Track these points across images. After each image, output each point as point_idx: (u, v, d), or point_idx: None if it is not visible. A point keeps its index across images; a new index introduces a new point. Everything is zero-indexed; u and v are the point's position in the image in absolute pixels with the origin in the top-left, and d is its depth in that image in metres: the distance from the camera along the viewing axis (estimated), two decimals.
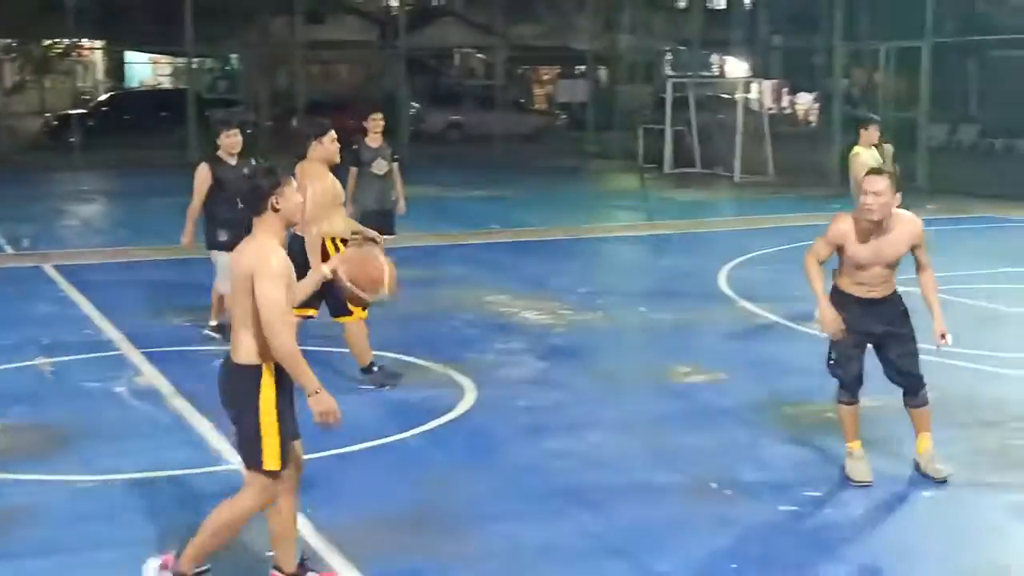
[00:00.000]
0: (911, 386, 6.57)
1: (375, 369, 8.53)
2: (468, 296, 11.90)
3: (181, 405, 8.01)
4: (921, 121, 23.84)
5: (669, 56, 36.60)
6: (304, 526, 5.84)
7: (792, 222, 17.82)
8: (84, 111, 32.92)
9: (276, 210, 4.74)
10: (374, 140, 11.48)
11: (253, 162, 9.18)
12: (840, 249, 6.39)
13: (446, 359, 9.16)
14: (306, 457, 5.25)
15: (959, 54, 27.85)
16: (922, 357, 6.55)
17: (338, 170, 8.54)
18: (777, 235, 16.65)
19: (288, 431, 4.88)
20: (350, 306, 7.87)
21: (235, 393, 4.84)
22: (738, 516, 6.08)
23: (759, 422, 7.70)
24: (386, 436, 7.34)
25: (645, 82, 41.27)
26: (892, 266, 6.40)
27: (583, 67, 40.63)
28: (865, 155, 11.10)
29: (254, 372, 4.77)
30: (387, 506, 6.24)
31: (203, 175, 9.50)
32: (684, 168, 26.98)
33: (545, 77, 48.31)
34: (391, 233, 11.26)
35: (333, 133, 8.16)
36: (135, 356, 9.39)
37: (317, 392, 4.77)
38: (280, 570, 5.07)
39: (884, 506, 6.21)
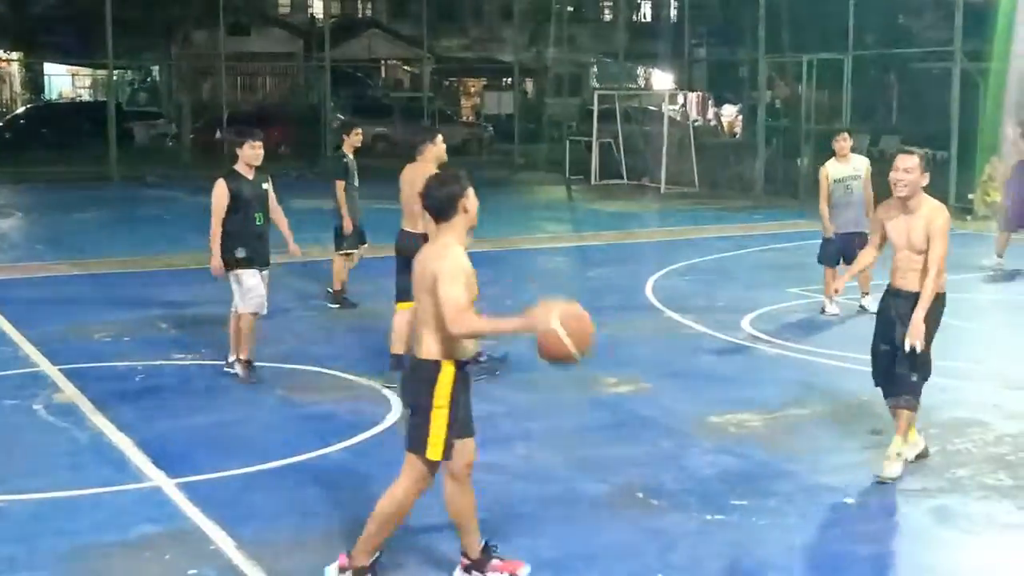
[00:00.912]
0: (900, 387, 6.76)
1: (483, 359, 8.73)
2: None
3: (101, 422, 7.86)
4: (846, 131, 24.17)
5: (595, 69, 36.82)
6: (226, 543, 5.78)
7: (717, 233, 18.03)
8: (1, 124, 32.33)
9: (465, 212, 5.01)
10: (355, 155, 12.02)
11: (268, 176, 9.05)
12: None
13: (373, 373, 9.11)
14: (228, 473, 5.19)
15: (880, 66, 28.33)
16: (841, 365, 6.62)
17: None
18: (703, 246, 16.84)
19: (459, 428, 5.08)
20: None
21: (414, 384, 5.10)
22: (665, 526, 6.10)
23: (686, 432, 7.74)
24: (311, 451, 7.26)
25: (572, 94, 41.55)
26: (920, 252, 6.61)
27: (510, 79, 40.78)
28: (831, 168, 11.48)
29: (433, 367, 5.01)
30: (311, 521, 6.18)
31: (221, 192, 8.77)
32: (611, 179, 27.20)
33: (472, 89, 48.42)
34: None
35: (442, 136, 8.94)
36: (53, 373, 9.22)
37: (530, 319, 4.81)
38: (466, 556, 5.35)
39: (809, 515, 6.27)
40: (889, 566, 5.69)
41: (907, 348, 6.56)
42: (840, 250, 11.36)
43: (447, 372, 5.00)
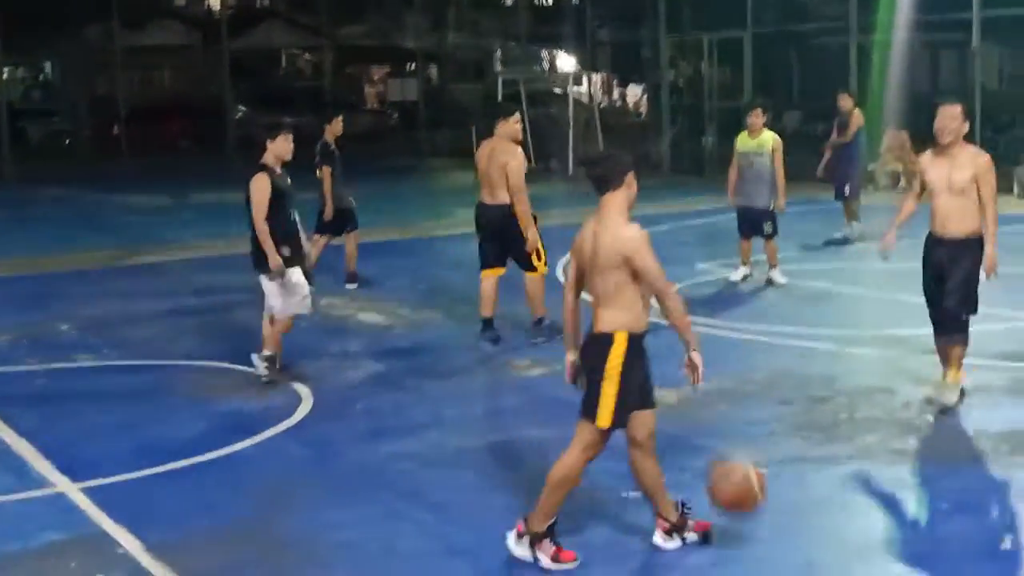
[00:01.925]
0: (951, 325, 7.37)
1: (545, 323, 9.46)
2: None
3: (1, 429, 7.64)
4: (745, 107, 24.45)
5: (499, 53, 36.74)
6: (134, 546, 5.66)
7: None
8: None
9: (630, 186, 5.23)
10: (337, 142, 12.29)
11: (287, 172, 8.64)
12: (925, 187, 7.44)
13: (282, 366, 8.98)
14: (130, 476, 5.08)
15: (780, 43, 28.67)
16: (750, 338, 6.68)
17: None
18: None
19: (634, 397, 5.25)
20: (534, 262, 9.48)
21: (590, 356, 5.24)
22: (578, 507, 6.08)
23: None
24: (220, 448, 7.14)
25: (476, 79, 41.40)
26: (961, 194, 7.19)
27: (413, 65, 40.56)
28: (740, 140, 11.83)
29: (608, 339, 5.16)
30: (222, 520, 6.08)
31: (263, 186, 8.21)
32: None
33: (375, 76, 48.02)
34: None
35: (519, 115, 9.73)
36: None
37: (695, 350, 5.25)
38: (665, 519, 5.45)
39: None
40: (801, 533, 5.75)
41: (987, 278, 7.30)
42: (744, 220, 11.54)
43: (620, 343, 5.15)
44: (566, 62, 38.34)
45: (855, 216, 14.30)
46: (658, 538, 5.48)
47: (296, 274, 8.45)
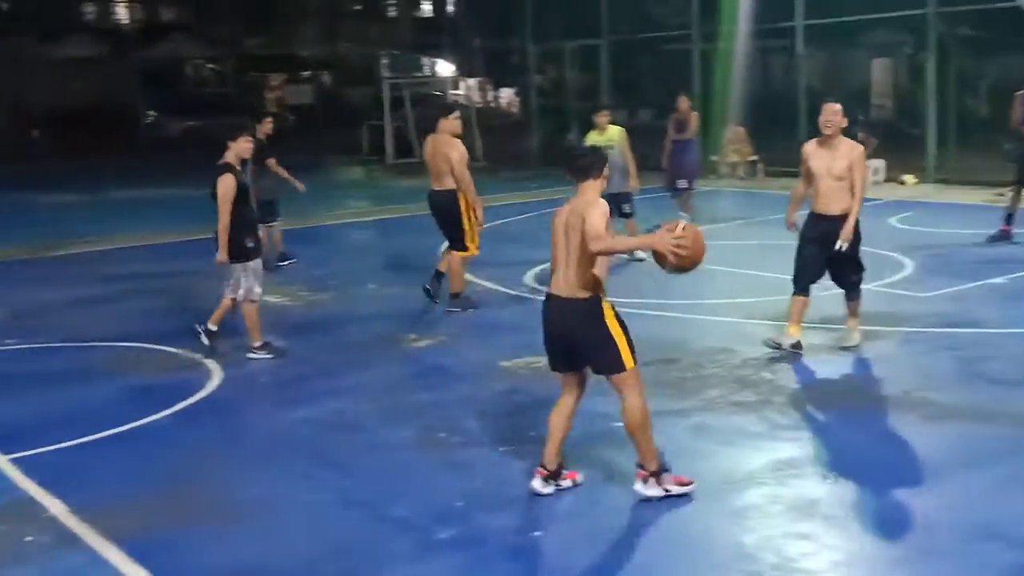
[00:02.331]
0: (848, 288, 8.04)
1: (462, 296, 9.86)
2: (210, 286, 11.49)
3: None
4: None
5: (385, 60, 36.47)
6: (60, 510, 5.53)
7: (501, 201, 18.15)
8: None
9: (604, 178, 5.54)
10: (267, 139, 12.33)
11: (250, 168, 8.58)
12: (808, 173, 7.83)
13: (193, 345, 8.83)
14: (55, 447, 4.95)
15: (633, 50, 29.01)
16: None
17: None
18: (489, 213, 16.79)
19: (631, 337, 5.41)
20: (467, 243, 9.71)
21: (579, 320, 5.34)
22: (463, 460, 6.16)
23: (479, 376, 7.81)
24: (136, 420, 7.00)
25: (365, 84, 41.05)
26: (840, 179, 7.65)
27: (308, 72, 40.01)
28: (591, 137, 11.72)
29: (594, 301, 5.33)
30: (142, 483, 5.97)
31: (230, 185, 8.11)
32: (405, 159, 27.03)
33: (274, 83, 47.21)
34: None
35: (459, 112, 10.05)
36: None
37: (651, 241, 5.32)
38: (644, 468, 5.46)
39: (591, 438, 6.40)
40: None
41: (840, 248, 7.66)
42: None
43: (606, 303, 5.36)
44: (445, 68, 38.23)
45: (688, 208, 14.46)
46: (639, 485, 5.45)
47: (258, 264, 8.47)
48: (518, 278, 11.24)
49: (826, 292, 8.37)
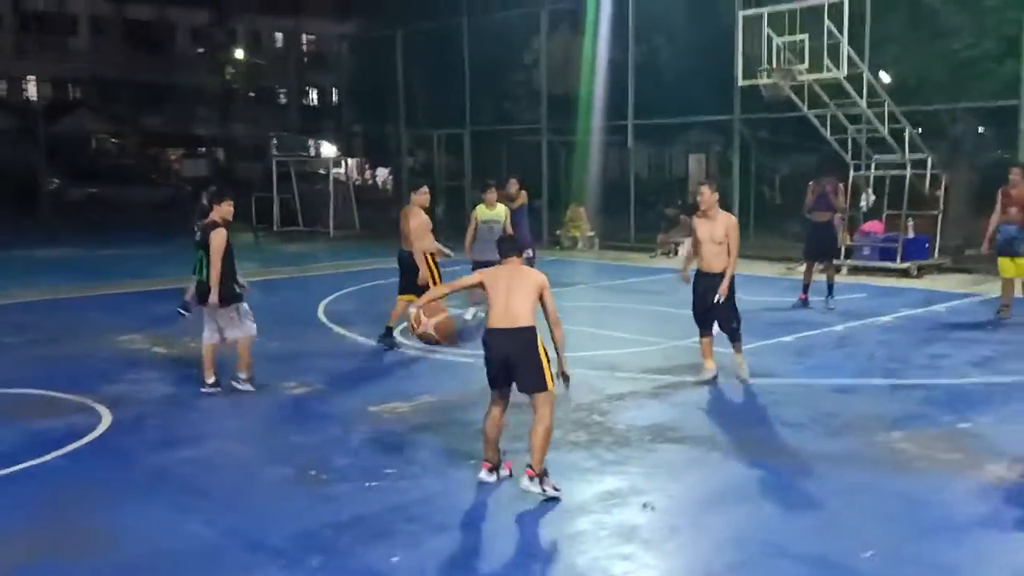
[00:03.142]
0: (730, 334, 8.54)
1: (392, 336, 10.39)
2: (105, 338, 11.06)
3: None
4: (466, 187, 25.03)
5: (275, 140, 36.08)
6: None
7: (373, 265, 18.06)
8: None
9: (523, 255, 6.39)
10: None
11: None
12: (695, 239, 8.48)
13: (85, 391, 8.44)
14: None
15: (492, 138, 29.45)
16: (466, 360, 6.76)
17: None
18: (362, 276, 16.83)
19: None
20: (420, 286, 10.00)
21: (520, 346, 5.83)
22: (332, 494, 6.03)
23: (350, 420, 7.68)
24: (26, 461, 6.61)
25: (256, 160, 40.49)
26: (719, 243, 8.29)
27: (204, 148, 39.18)
28: (480, 211, 11.88)
29: (532, 331, 5.85)
30: (30, 519, 5.63)
31: (223, 238, 8.26)
32: (290, 227, 26.68)
33: (172, 157, 46.10)
34: None
35: (426, 188, 10.68)
36: None
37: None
38: (532, 468, 5.87)
39: (444, 474, 6.36)
40: (500, 509, 5.85)
41: (718, 300, 8.26)
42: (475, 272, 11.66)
43: (537, 333, 5.87)
44: (328, 149, 38.02)
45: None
46: (526, 482, 5.83)
47: (245, 304, 8.56)
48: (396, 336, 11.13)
49: (648, 347, 8.57)
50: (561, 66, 24.30)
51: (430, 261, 10.44)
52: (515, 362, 5.84)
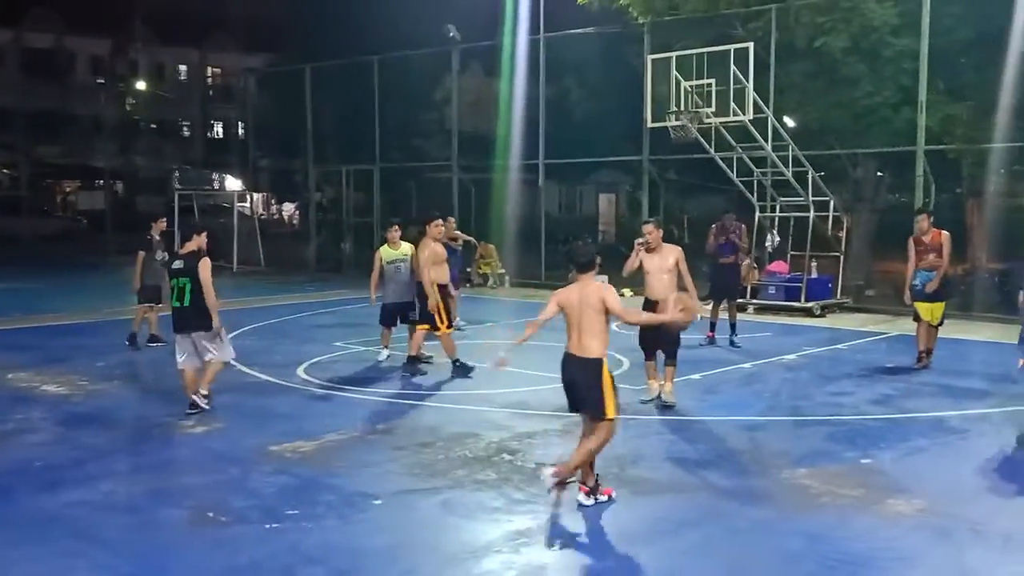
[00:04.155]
0: (669, 353, 9.22)
1: (420, 363, 10.83)
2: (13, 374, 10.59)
3: None
4: (375, 223, 24.91)
5: (177, 173, 35.40)
6: None
7: (278, 302, 17.77)
8: None
9: (599, 267, 6.49)
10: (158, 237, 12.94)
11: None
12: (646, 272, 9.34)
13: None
14: None
15: (402, 175, 29.43)
16: (371, 399, 6.68)
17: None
18: (266, 312, 16.54)
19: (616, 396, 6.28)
20: (436, 321, 10.62)
21: (587, 376, 6.19)
22: (230, 536, 5.84)
23: (249, 460, 7.48)
24: None
25: (158, 194, 39.61)
26: (669, 272, 9.17)
27: (101, 181, 38.20)
28: (384, 251, 11.66)
29: (599, 362, 6.19)
30: None
31: (209, 265, 8.87)
32: None
33: (68, 189, 44.77)
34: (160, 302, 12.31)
35: (440, 220, 11.09)
36: None
37: (664, 315, 6.85)
38: (585, 483, 6.37)
39: (346, 515, 6.22)
40: (407, 546, 5.75)
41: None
42: (393, 313, 11.46)
43: (605, 364, 6.22)
44: (233, 183, 37.46)
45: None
46: (582, 496, 6.32)
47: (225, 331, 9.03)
48: (291, 371, 10.96)
49: (559, 385, 8.59)
50: (472, 104, 24.53)
51: (438, 292, 10.71)
52: (579, 387, 6.25)
